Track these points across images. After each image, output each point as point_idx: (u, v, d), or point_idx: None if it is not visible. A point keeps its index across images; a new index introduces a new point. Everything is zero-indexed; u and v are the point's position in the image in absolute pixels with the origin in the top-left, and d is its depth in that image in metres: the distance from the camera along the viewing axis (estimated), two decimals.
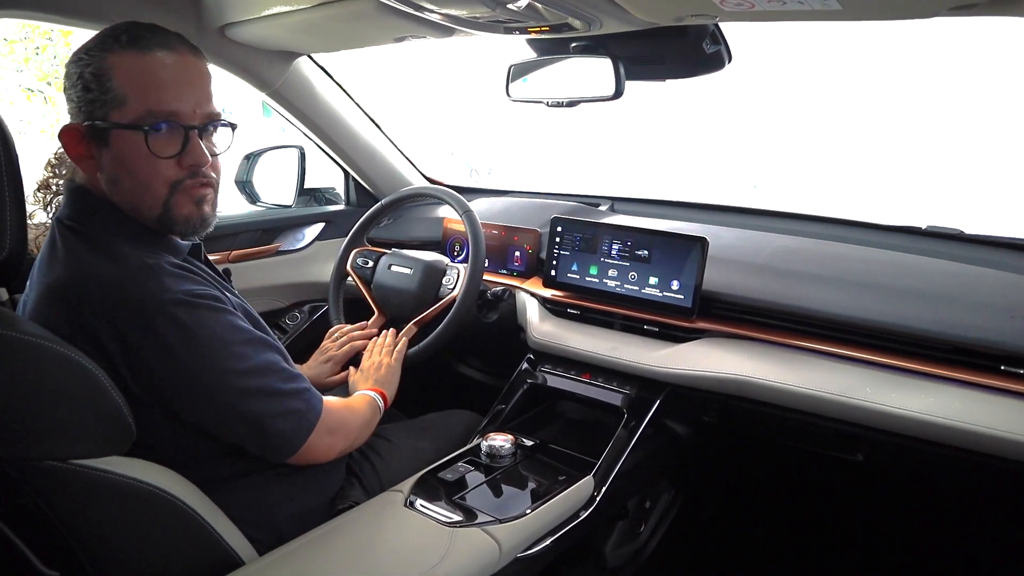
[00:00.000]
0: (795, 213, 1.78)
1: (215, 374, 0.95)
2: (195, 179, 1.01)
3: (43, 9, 1.35)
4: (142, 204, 1.00)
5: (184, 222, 1.02)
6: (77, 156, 0.99)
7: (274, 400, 1.01)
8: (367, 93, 2.05)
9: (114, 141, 0.97)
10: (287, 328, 1.99)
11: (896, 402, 1.18)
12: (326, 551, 1.01)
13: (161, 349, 0.92)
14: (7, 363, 0.82)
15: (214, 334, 0.96)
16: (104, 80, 0.95)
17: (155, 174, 0.98)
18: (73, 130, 0.98)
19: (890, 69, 7.97)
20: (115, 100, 0.95)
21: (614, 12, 1.09)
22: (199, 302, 0.96)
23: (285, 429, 1.02)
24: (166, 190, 0.99)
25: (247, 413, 0.98)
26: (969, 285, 1.34)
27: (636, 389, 1.43)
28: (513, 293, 1.71)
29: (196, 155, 1.00)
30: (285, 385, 1.03)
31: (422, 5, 1.14)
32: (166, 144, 0.98)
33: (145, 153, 0.96)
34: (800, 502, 1.77)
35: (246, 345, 1.00)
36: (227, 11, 1.45)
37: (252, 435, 1.00)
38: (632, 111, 7.77)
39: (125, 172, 0.98)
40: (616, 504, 1.43)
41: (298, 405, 1.04)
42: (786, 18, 1.00)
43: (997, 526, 1.52)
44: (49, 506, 0.88)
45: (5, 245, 0.86)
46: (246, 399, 0.98)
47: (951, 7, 0.84)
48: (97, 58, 0.95)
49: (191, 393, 0.95)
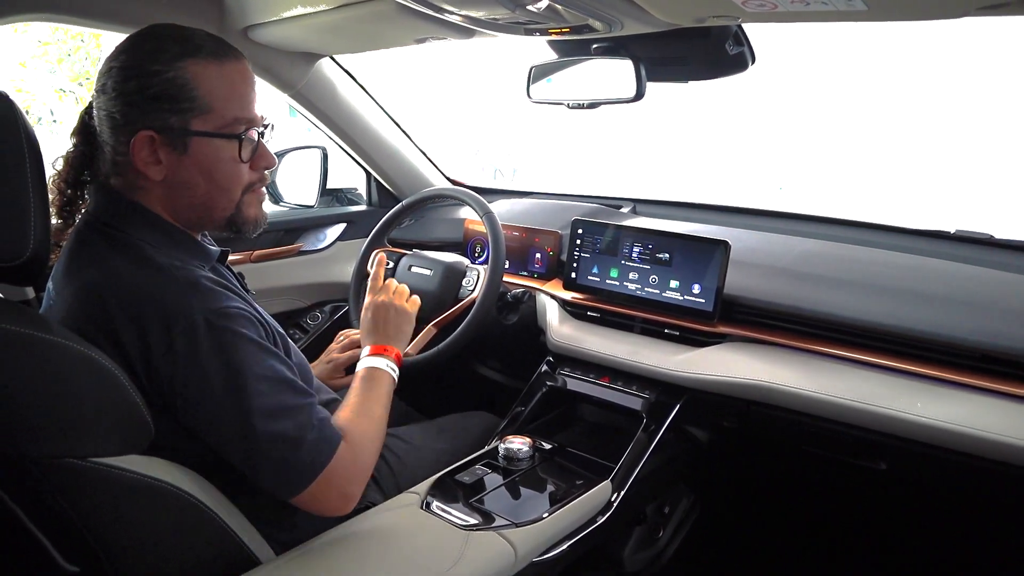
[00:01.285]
0: (819, 216, 1.75)
1: (229, 401, 0.93)
2: (263, 181, 1.09)
3: (69, 12, 1.38)
4: (215, 207, 1.04)
5: (252, 222, 1.09)
6: (145, 162, 0.98)
7: (279, 446, 0.96)
8: (394, 92, 2.06)
9: (194, 148, 0.99)
10: (308, 328, 2.00)
11: (922, 411, 1.16)
12: (341, 552, 1.01)
13: (181, 362, 0.92)
14: (29, 362, 0.83)
15: (238, 361, 0.94)
16: (186, 88, 0.96)
17: (237, 178, 1.04)
18: (146, 137, 0.97)
19: (921, 71, 7.84)
20: (199, 108, 0.97)
21: (635, 13, 1.08)
22: (221, 327, 0.94)
23: (284, 474, 0.97)
24: (240, 192, 1.05)
25: (252, 449, 0.95)
26: (999, 291, 1.31)
27: (656, 393, 1.42)
28: (533, 295, 1.70)
29: (268, 158, 1.07)
30: (296, 433, 0.97)
31: (442, 7, 1.14)
32: (247, 148, 1.03)
33: (231, 158, 1.01)
34: (821, 510, 1.74)
35: (261, 382, 0.95)
36: (249, 13, 1.47)
37: (251, 472, 0.97)
38: (658, 112, 7.73)
39: (204, 177, 1.01)
40: (634, 509, 1.42)
41: (305, 458, 0.97)
42: (810, 19, 0.98)
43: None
44: (69, 503, 0.89)
45: (30, 245, 0.87)
46: (255, 435, 0.94)
47: (980, 7, 0.82)
48: (171, 67, 0.96)
49: (197, 416, 0.94)
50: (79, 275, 0.97)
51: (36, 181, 0.88)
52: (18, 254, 0.86)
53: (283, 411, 0.96)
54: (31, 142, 0.87)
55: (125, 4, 1.40)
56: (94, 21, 1.41)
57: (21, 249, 0.86)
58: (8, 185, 0.85)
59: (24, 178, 0.86)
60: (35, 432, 0.85)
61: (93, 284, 0.95)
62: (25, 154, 0.86)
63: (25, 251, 0.87)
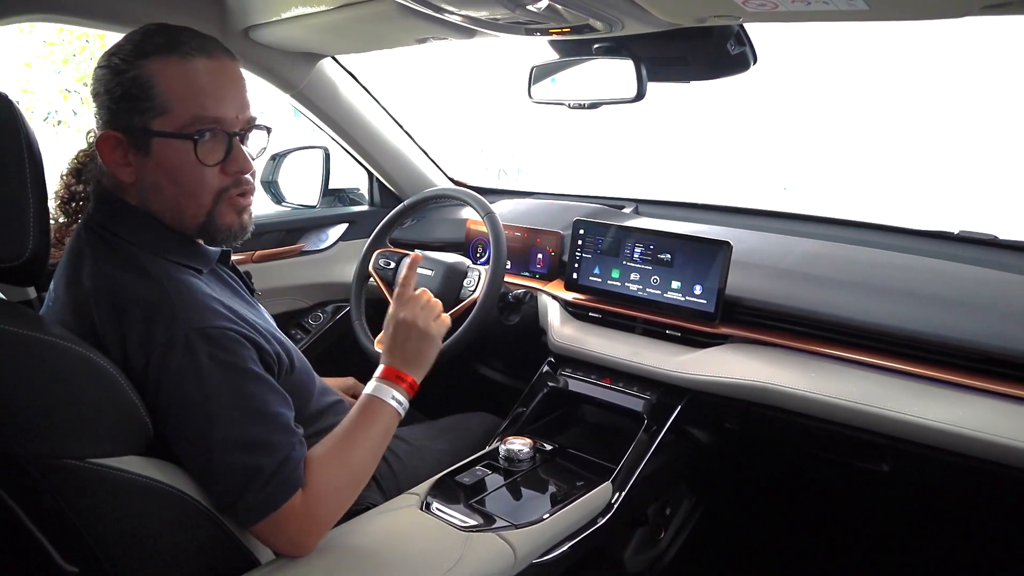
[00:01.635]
0: (822, 217, 1.75)
1: (197, 423, 0.92)
2: (238, 187, 1.01)
3: (71, 13, 1.38)
4: (185, 213, 0.99)
5: (226, 231, 1.02)
6: (114, 164, 0.97)
7: (237, 479, 0.92)
8: (400, 91, 2.06)
9: (156, 149, 0.95)
10: (310, 328, 2.01)
11: (924, 412, 1.15)
12: (340, 553, 1.01)
13: (159, 375, 0.91)
14: (28, 362, 0.83)
15: (213, 387, 0.91)
16: (146, 87, 0.93)
17: (201, 182, 0.98)
18: (111, 138, 0.96)
19: (928, 71, 7.81)
20: (158, 108, 0.94)
21: (635, 13, 1.08)
22: (209, 348, 0.91)
23: (232, 506, 0.94)
24: (211, 199, 0.99)
25: (207, 474, 0.93)
26: (1002, 293, 1.30)
27: (657, 394, 1.41)
28: (535, 295, 1.70)
29: (240, 162, 1.00)
30: (254, 470, 0.92)
31: (442, 7, 1.14)
32: (212, 151, 0.97)
33: (192, 161, 0.96)
34: (823, 512, 1.74)
35: (239, 412, 0.93)
36: (251, 13, 1.47)
37: (206, 489, 0.95)
38: (664, 112, 7.72)
39: (168, 180, 0.97)
40: (635, 511, 1.41)
41: (253, 499, 0.92)
42: (811, 19, 0.97)
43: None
44: (68, 503, 0.88)
45: (28, 246, 0.87)
46: (211, 463, 0.92)
47: (983, 6, 0.81)
48: (135, 64, 0.94)
49: (169, 422, 0.93)
50: (75, 280, 0.97)
51: (35, 183, 0.88)
52: (17, 255, 0.87)
53: (247, 445, 0.92)
54: (30, 144, 0.88)
55: (126, 4, 1.41)
56: (96, 21, 1.42)
57: (20, 250, 0.87)
58: (8, 186, 0.86)
59: (23, 180, 0.87)
60: (33, 432, 0.85)
61: (86, 290, 0.95)
62: (24, 156, 0.87)
63: (24, 252, 0.87)
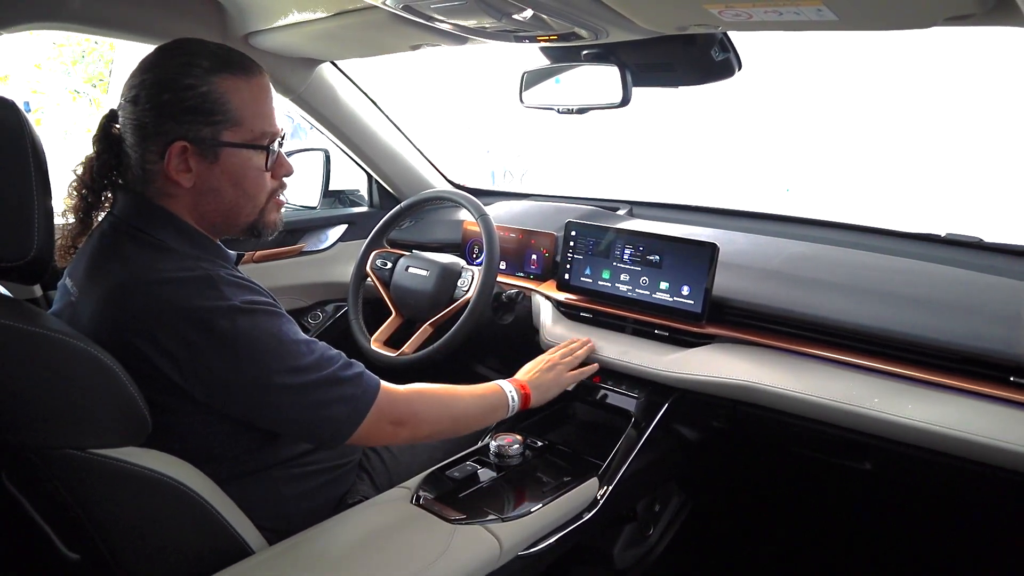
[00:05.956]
0: (813, 219, 1.76)
1: (273, 373, 1.00)
2: (282, 188, 1.17)
3: (78, 21, 1.41)
4: (241, 212, 1.11)
5: (271, 226, 1.16)
6: (177, 170, 1.04)
7: (331, 388, 1.04)
8: (406, 93, 2.09)
9: (224, 157, 1.05)
10: (310, 327, 2.04)
11: (904, 412, 1.17)
12: (331, 543, 1.05)
13: (223, 352, 0.97)
14: (31, 357, 0.87)
15: (272, 336, 1.01)
16: (220, 103, 1.03)
17: (262, 186, 1.11)
18: (180, 147, 1.02)
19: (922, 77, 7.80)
20: (230, 121, 1.04)
21: (619, 22, 1.11)
22: (257, 308, 1.01)
23: (338, 416, 1.05)
24: (265, 199, 1.13)
25: (304, 407, 1.03)
26: (987, 295, 1.31)
27: (645, 393, 1.44)
28: (528, 296, 1.73)
29: (287, 166, 1.16)
30: (341, 372, 1.06)
31: (432, 16, 1.17)
32: (270, 159, 1.11)
33: (258, 168, 1.09)
34: (809, 509, 1.76)
35: (301, 344, 1.04)
36: (250, 20, 1.51)
37: (307, 427, 1.05)
38: (668, 115, 7.73)
39: (231, 185, 1.08)
40: (621, 506, 1.44)
41: (352, 391, 1.07)
42: (784, 28, 1.00)
43: (1005, 538, 1.50)
44: (69, 492, 0.92)
45: (33, 244, 0.90)
46: (303, 394, 1.02)
47: (947, 16, 0.84)
48: (204, 81, 1.02)
49: (249, 393, 0.99)
50: (106, 274, 1.00)
51: (40, 185, 0.91)
52: (23, 254, 0.90)
53: (324, 360, 1.05)
54: (36, 147, 0.91)
55: (131, 13, 1.45)
56: (101, 29, 1.46)
57: (25, 249, 0.90)
58: (14, 188, 0.89)
59: (29, 182, 0.90)
60: (36, 424, 0.89)
61: (121, 281, 0.98)
62: (30, 159, 0.90)
63: (29, 251, 0.90)
